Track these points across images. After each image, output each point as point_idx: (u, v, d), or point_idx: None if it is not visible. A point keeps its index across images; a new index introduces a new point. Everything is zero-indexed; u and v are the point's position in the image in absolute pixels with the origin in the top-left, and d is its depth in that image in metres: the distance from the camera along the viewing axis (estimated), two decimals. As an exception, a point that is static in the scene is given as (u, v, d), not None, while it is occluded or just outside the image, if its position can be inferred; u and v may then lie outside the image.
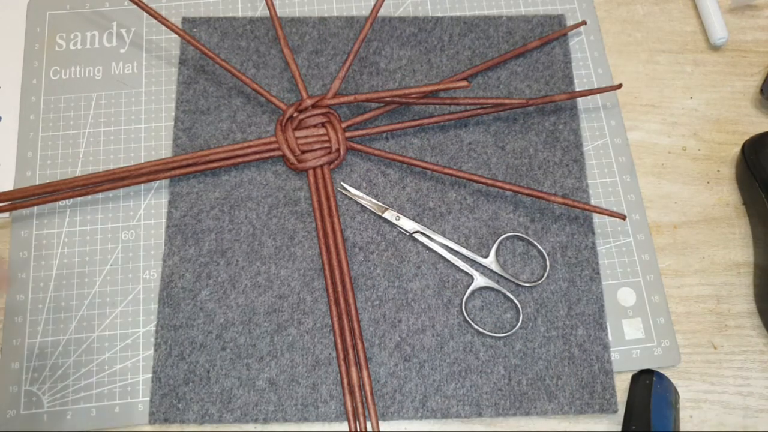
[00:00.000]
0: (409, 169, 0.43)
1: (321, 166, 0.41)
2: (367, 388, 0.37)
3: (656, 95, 0.46)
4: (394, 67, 0.45)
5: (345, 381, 0.38)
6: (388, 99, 0.42)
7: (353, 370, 0.38)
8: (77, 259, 0.41)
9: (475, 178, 0.41)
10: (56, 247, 0.41)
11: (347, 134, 0.42)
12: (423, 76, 0.45)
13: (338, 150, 0.41)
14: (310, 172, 0.42)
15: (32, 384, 0.39)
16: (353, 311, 0.39)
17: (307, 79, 0.44)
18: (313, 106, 0.42)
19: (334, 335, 0.38)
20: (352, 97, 0.42)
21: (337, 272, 0.39)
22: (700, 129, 0.45)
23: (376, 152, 0.42)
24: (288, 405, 0.38)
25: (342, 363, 0.38)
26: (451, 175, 0.41)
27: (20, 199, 0.41)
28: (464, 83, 0.40)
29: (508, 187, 0.41)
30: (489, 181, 0.41)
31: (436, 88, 0.41)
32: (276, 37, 0.45)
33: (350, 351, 0.38)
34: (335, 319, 0.39)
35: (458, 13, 0.47)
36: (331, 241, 0.40)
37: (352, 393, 0.37)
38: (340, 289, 0.39)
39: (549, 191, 0.42)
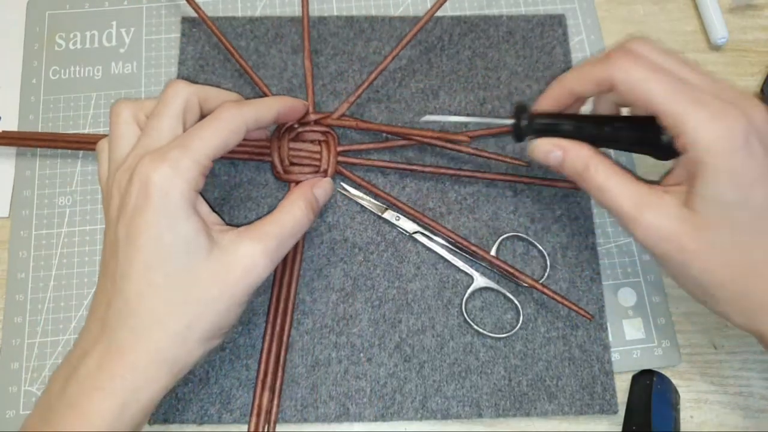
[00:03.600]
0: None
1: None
2: (273, 417, 0.37)
3: (657, 95, 0.46)
4: (394, 67, 0.45)
5: (257, 402, 0.37)
6: (388, 132, 0.42)
7: (266, 394, 0.37)
8: (77, 259, 0.41)
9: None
10: (56, 247, 0.41)
11: (340, 158, 0.41)
12: (423, 76, 0.45)
13: (326, 171, 0.41)
14: (293, 184, 0.41)
15: (32, 384, 0.39)
16: (285, 338, 0.38)
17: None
18: (315, 122, 0.42)
19: (261, 354, 0.38)
20: (354, 123, 0.41)
21: (282, 300, 0.39)
22: (700, 129, 0.45)
23: (362, 182, 0.41)
24: (287, 405, 0.38)
25: (259, 384, 0.38)
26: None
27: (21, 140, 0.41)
28: (465, 138, 0.41)
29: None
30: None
31: (438, 137, 0.41)
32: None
33: (269, 376, 0.38)
34: (267, 339, 0.38)
35: (458, 13, 0.47)
36: (288, 258, 0.40)
37: (259, 415, 0.37)
38: (280, 317, 0.39)
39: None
